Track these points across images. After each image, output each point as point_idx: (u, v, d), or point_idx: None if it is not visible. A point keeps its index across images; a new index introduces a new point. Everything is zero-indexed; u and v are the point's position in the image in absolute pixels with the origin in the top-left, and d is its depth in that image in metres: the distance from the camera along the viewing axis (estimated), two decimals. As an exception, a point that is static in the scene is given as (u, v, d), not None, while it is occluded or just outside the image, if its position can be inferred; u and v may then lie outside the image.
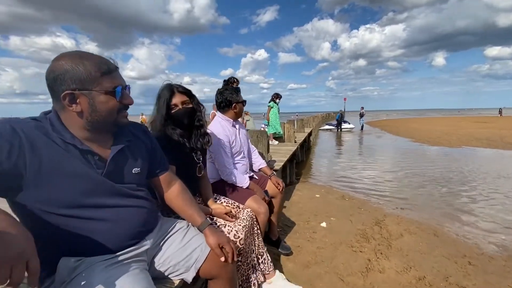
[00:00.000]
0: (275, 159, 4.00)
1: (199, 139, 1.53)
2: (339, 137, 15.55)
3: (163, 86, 1.42)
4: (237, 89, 2.00)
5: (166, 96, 1.38)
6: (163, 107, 1.37)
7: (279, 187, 2.24)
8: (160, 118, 1.37)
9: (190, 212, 1.19)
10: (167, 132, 1.39)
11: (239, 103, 2.00)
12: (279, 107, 6.24)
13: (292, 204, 4.08)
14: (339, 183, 5.54)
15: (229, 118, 2.02)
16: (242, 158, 2.11)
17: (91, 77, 0.85)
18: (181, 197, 1.21)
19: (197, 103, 1.53)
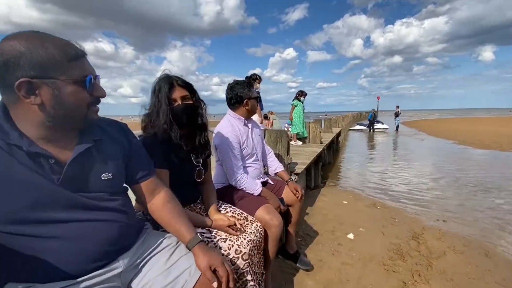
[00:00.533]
0: (296, 161, 3.71)
1: (199, 139, 1.33)
2: (371, 138, 14.62)
3: (161, 77, 1.23)
4: (249, 83, 1.78)
5: (165, 90, 1.19)
6: (164, 102, 1.19)
7: (297, 195, 1.97)
8: (164, 114, 1.18)
9: (177, 227, 0.99)
10: (169, 132, 1.21)
11: (251, 99, 1.78)
12: (304, 106, 5.88)
13: (316, 211, 3.76)
14: (370, 188, 5.06)
15: (241, 116, 1.81)
16: (255, 161, 1.88)
17: (55, 63, 0.69)
18: (167, 208, 1.01)
19: (198, 99, 1.34)
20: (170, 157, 1.18)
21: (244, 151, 1.77)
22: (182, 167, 1.24)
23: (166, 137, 1.18)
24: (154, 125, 1.19)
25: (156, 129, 1.19)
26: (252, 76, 4.04)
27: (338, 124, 13.28)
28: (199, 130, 1.34)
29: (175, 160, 1.20)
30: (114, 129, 0.94)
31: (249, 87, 1.77)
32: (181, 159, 1.22)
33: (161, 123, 1.18)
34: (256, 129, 1.98)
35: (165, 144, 1.18)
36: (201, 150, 1.35)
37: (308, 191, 4.69)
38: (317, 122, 7.63)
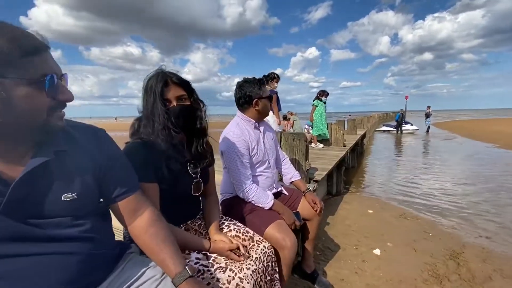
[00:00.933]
0: (316, 167, 3.44)
1: (198, 147, 1.15)
2: (399, 140, 13.77)
3: (153, 74, 1.06)
4: (260, 81, 1.58)
5: (158, 89, 1.02)
6: (159, 102, 1.01)
7: (315, 208, 1.73)
8: (159, 117, 1.00)
9: (161, 257, 0.81)
10: (165, 138, 1.03)
11: (262, 98, 1.57)
12: (326, 106, 5.54)
13: (338, 220, 3.46)
14: (399, 196, 4.63)
15: (251, 118, 1.61)
16: (267, 169, 1.67)
17: (2, 57, 0.53)
18: (150, 233, 0.83)
19: (196, 99, 1.16)
20: (162, 168, 1.01)
21: (254, 158, 1.57)
22: (176, 180, 1.06)
23: (158, 144, 1.01)
24: (146, 130, 1.03)
25: (148, 135, 1.02)
26: (270, 74, 3.83)
27: (363, 125, 12.65)
28: (197, 136, 1.16)
29: (168, 172, 1.02)
30: (87, 137, 0.78)
31: (260, 85, 1.57)
32: (175, 171, 1.04)
33: (156, 128, 1.01)
34: (269, 132, 1.77)
35: (155, 153, 1.00)
36: (199, 159, 1.17)
37: (330, 198, 4.39)
38: (340, 123, 7.23)
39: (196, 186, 1.15)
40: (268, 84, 3.88)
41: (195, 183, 1.14)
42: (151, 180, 0.99)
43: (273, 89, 3.88)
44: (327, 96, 5.44)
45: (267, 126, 1.79)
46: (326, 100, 5.46)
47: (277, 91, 3.94)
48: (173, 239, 0.86)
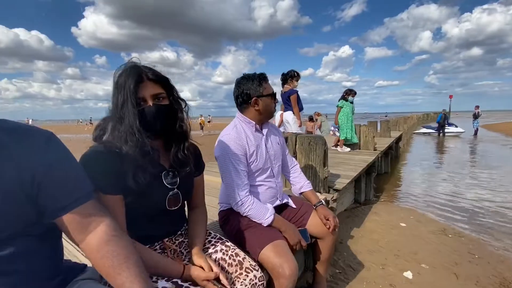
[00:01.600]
0: (338, 174, 3.11)
1: (177, 153, 0.98)
2: (441, 144, 12.51)
3: (125, 68, 0.90)
4: (261, 76, 1.37)
5: (129, 86, 0.86)
6: (129, 102, 0.86)
7: (328, 225, 1.48)
8: (129, 118, 0.85)
9: (119, 281, 0.66)
10: (136, 143, 0.87)
11: (262, 96, 1.36)
12: (353, 107, 5.09)
13: (364, 233, 3.10)
14: (438, 208, 4.08)
15: (251, 119, 1.41)
16: (269, 179, 1.46)
17: None
18: (104, 252, 0.68)
19: (176, 99, 0.99)
20: (127, 179, 0.85)
21: (252, 165, 1.37)
22: (145, 192, 0.90)
23: (127, 150, 0.85)
24: (113, 134, 0.88)
25: (115, 140, 0.87)
26: (289, 72, 3.59)
27: (399, 127, 11.70)
28: (177, 141, 0.99)
29: (135, 183, 0.86)
30: (21, 142, 0.64)
31: (260, 82, 1.36)
32: (143, 182, 0.88)
33: (123, 132, 0.85)
34: (275, 136, 1.56)
35: (121, 161, 0.85)
36: (179, 167, 1.00)
37: (357, 207, 4.00)
38: (371, 124, 6.69)
39: (173, 199, 0.98)
40: (288, 83, 3.65)
41: (171, 195, 0.97)
42: (111, 192, 0.84)
43: (293, 88, 3.64)
44: (354, 95, 4.98)
45: (272, 128, 1.58)
46: (353, 99, 5.01)
47: (297, 90, 3.69)
48: (137, 260, 0.70)
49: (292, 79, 3.59)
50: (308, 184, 1.65)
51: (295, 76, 3.58)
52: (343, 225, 3.31)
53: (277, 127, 1.67)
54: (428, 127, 17.59)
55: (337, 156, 4.42)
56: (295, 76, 3.58)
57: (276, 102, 1.45)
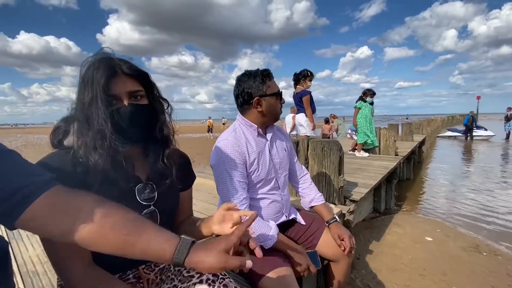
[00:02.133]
0: (356, 182, 2.84)
1: (156, 163, 0.82)
2: (468, 148, 11.69)
3: (93, 59, 0.72)
4: (264, 73, 1.18)
5: (100, 80, 0.69)
6: (99, 100, 0.68)
7: (343, 246, 1.26)
8: (97, 120, 0.68)
9: (145, 238, 0.61)
10: (106, 150, 0.70)
11: (266, 96, 1.18)
12: (373, 108, 4.75)
13: (384, 248, 2.81)
14: (468, 221, 3.68)
15: (252, 122, 1.22)
16: (273, 191, 1.26)
17: None
18: (111, 223, 0.61)
19: (158, 98, 0.83)
20: (96, 193, 0.69)
21: (253, 175, 1.18)
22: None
23: (95, 159, 0.69)
24: (76, 139, 0.72)
25: (78, 146, 0.71)
26: (302, 72, 3.37)
27: (422, 130, 11.05)
28: (157, 148, 0.82)
29: (101, 195, 0.69)
30: None
31: (263, 79, 1.17)
32: (113, 198, 0.71)
33: (91, 137, 0.69)
34: (282, 141, 1.36)
35: (84, 173, 0.69)
36: (157, 179, 0.83)
37: (376, 217, 3.70)
38: (392, 127, 6.30)
39: (148, 218, 0.81)
40: (301, 83, 3.43)
41: (146, 213, 0.80)
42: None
43: (306, 89, 3.41)
44: (373, 96, 4.63)
45: (278, 132, 1.38)
46: (372, 100, 4.67)
47: (310, 91, 3.46)
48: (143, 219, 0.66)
49: (305, 79, 3.36)
50: (320, 197, 1.44)
51: (308, 76, 3.36)
52: (360, 237, 3.04)
53: (284, 130, 1.47)
54: (454, 130, 16.59)
55: (354, 162, 4.12)
56: (308, 76, 3.36)
57: (282, 102, 1.26)
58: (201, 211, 2.02)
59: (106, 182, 0.70)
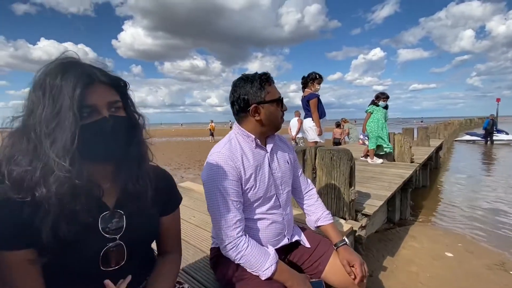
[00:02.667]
0: (368, 192, 2.65)
1: (129, 183, 0.70)
2: (489, 154, 11.12)
3: (59, 64, 0.60)
4: (264, 76, 1.05)
5: (73, 88, 0.57)
6: (72, 111, 0.57)
7: (353, 274, 1.10)
8: (65, 136, 0.56)
9: None
10: (63, 175, 0.57)
11: (265, 103, 1.05)
12: (386, 112, 4.49)
13: (399, 264, 2.60)
14: (494, 234, 3.39)
15: (250, 132, 1.09)
16: (273, 210, 1.12)
17: None
18: None
19: (134, 111, 0.72)
20: (44, 231, 0.57)
21: (250, 193, 1.04)
22: (70, 247, 0.61)
23: (51, 188, 0.57)
24: (27, 162, 0.58)
25: (30, 170, 0.58)
26: (310, 75, 3.22)
27: (439, 134, 10.60)
28: (128, 168, 0.70)
29: (53, 237, 0.57)
30: None
31: (262, 84, 1.04)
32: (71, 234, 0.59)
33: (53, 157, 0.57)
34: (284, 152, 1.22)
35: (37, 207, 0.57)
36: (127, 205, 0.71)
37: (390, 229, 3.47)
38: (407, 132, 6.01)
39: (115, 254, 0.68)
40: (309, 86, 3.28)
41: (111, 248, 0.67)
42: (11, 246, 0.57)
43: (315, 92, 3.25)
44: (386, 99, 4.38)
45: (280, 142, 1.25)
46: (386, 104, 4.41)
47: (318, 94, 3.30)
48: None
49: (313, 82, 3.21)
50: (328, 216, 1.28)
51: (317, 79, 3.20)
52: (373, 251, 2.84)
53: (286, 140, 1.32)
54: (473, 134, 15.89)
55: (367, 170, 3.91)
56: (317, 79, 3.20)
57: (284, 110, 1.12)
58: (200, 225, 1.89)
59: (64, 217, 0.58)
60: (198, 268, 1.36)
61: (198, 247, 1.57)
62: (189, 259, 1.44)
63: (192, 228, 1.88)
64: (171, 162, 9.46)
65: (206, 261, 1.40)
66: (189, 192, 2.79)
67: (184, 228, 1.90)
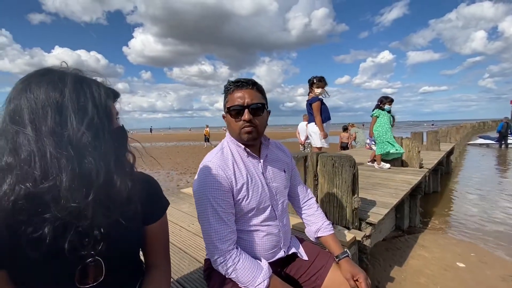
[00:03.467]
0: (374, 200, 2.56)
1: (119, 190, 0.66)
2: (503, 158, 10.73)
3: (76, 77, 0.59)
4: (230, 82, 1.02)
5: (104, 100, 0.62)
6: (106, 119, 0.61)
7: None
8: (105, 144, 0.58)
9: None
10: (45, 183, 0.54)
11: (227, 112, 1.02)
12: (392, 116, 4.36)
13: (408, 275, 2.49)
14: (508, 243, 3.23)
15: (238, 140, 1.05)
16: (267, 222, 1.07)
17: None
18: None
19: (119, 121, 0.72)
20: (16, 250, 0.54)
21: (242, 204, 1.00)
22: (46, 263, 0.58)
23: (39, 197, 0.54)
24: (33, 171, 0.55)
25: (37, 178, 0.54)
26: (309, 80, 3.16)
27: (450, 138, 10.31)
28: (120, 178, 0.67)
29: (25, 254, 0.54)
30: None
31: (227, 90, 1.03)
32: (44, 253, 0.56)
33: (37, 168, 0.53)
34: (280, 160, 1.17)
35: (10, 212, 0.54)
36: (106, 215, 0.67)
37: (399, 237, 3.35)
38: (416, 136, 5.86)
39: (91, 270, 0.64)
40: (311, 91, 3.23)
41: (89, 264, 0.64)
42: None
43: (316, 96, 3.20)
44: (391, 103, 4.26)
45: (275, 149, 1.19)
46: (390, 108, 4.29)
47: (321, 98, 3.23)
48: None
49: (311, 86, 3.16)
50: (328, 226, 1.22)
51: (315, 83, 3.14)
52: (380, 260, 2.73)
53: (283, 146, 1.26)
54: (486, 138, 15.42)
55: (374, 175, 3.80)
56: (315, 83, 3.14)
57: (245, 119, 0.97)
58: (199, 233, 1.86)
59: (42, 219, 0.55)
60: (192, 279, 1.32)
61: (194, 257, 1.53)
62: (184, 269, 1.40)
63: (189, 236, 1.84)
64: (178, 167, 9.49)
65: (201, 272, 1.35)
66: (190, 198, 2.76)
67: (182, 235, 1.87)
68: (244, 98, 0.98)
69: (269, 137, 1.17)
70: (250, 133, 0.99)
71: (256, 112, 0.99)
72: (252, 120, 0.98)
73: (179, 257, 1.53)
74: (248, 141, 1.01)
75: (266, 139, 1.12)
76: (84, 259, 0.62)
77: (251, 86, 1.00)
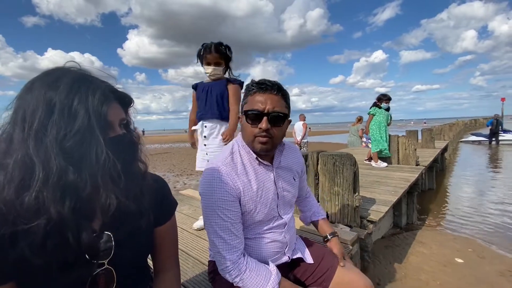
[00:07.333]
0: (373, 198, 2.58)
1: (119, 204, 0.64)
2: (494, 154, 10.93)
3: (75, 78, 0.55)
4: (256, 84, 0.97)
5: (97, 106, 0.53)
6: (98, 128, 0.53)
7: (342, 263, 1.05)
8: (98, 154, 0.52)
9: None
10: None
11: (244, 114, 0.95)
12: (390, 114, 4.41)
13: (408, 272, 2.51)
14: (505, 238, 3.28)
15: (249, 146, 0.99)
16: (274, 229, 1.04)
17: None
18: None
19: (133, 128, 0.69)
20: (22, 260, 0.52)
21: (248, 215, 0.97)
22: (55, 274, 0.56)
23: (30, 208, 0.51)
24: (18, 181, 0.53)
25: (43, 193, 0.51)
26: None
27: (444, 136, 10.47)
28: (132, 185, 0.65)
29: (34, 264, 0.52)
30: None
31: (247, 92, 0.96)
32: (55, 259, 0.54)
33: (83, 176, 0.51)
34: (293, 166, 1.11)
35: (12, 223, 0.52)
36: (117, 223, 0.65)
37: (397, 234, 3.38)
38: (411, 134, 5.92)
39: (102, 279, 0.62)
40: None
41: (99, 274, 0.62)
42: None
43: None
44: (388, 101, 4.29)
45: (290, 152, 1.12)
46: (388, 106, 4.33)
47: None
48: None
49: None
50: (321, 211, 1.27)
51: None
52: (380, 258, 2.75)
53: (296, 148, 1.22)
54: (478, 135, 15.69)
55: (371, 174, 3.83)
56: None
57: (261, 128, 0.89)
58: (201, 235, 1.84)
59: (50, 240, 0.52)
60: (197, 281, 1.31)
61: (198, 259, 1.52)
62: (188, 272, 1.39)
63: (192, 238, 1.83)
64: (174, 169, 9.43)
65: (205, 275, 1.34)
66: (190, 200, 2.74)
67: (184, 237, 1.85)
68: (265, 104, 0.89)
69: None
70: (264, 144, 0.91)
71: (276, 121, 0.90)
72: (269, 130, 0.89)
73: (182, 259, 1.51)
74: (260, 151, 0.93)
75: (281, 144, 1.04)
76: (94, 269, 0.60)
77: (276, 91, 0.91)
